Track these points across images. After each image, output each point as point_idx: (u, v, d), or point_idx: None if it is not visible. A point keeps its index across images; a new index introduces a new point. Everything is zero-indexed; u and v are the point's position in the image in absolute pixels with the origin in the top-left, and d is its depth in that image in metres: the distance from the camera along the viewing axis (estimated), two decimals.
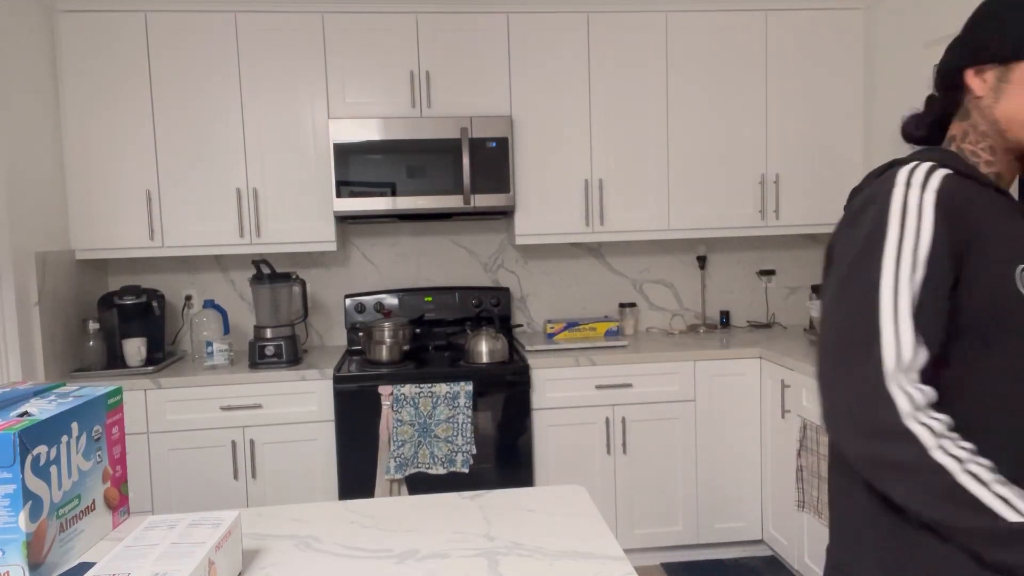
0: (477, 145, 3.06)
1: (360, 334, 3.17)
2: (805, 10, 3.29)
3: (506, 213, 3.22)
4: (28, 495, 1.14)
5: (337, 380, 2.87)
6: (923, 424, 0.95)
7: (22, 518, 1.12)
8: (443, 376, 2.90)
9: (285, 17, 3.05)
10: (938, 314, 0.99)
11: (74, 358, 3.01)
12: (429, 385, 2.85)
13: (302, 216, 3.12)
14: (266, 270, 3.10)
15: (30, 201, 2.76)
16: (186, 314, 3.39)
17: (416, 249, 3.54)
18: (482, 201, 3.09)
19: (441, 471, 2.86)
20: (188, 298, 3.39)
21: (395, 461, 2.83)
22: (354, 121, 3.03)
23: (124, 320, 3.03)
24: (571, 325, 3.33)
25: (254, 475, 2.89)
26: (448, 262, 3.56)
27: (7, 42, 2.66)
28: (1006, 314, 1.00)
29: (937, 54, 2.83)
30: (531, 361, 2.99)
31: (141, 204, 3.04)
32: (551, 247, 3.58)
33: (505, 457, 2.95)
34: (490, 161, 3.08)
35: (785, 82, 3.30)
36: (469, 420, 2.86)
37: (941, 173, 1.04)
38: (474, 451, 2.88)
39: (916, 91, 2.99)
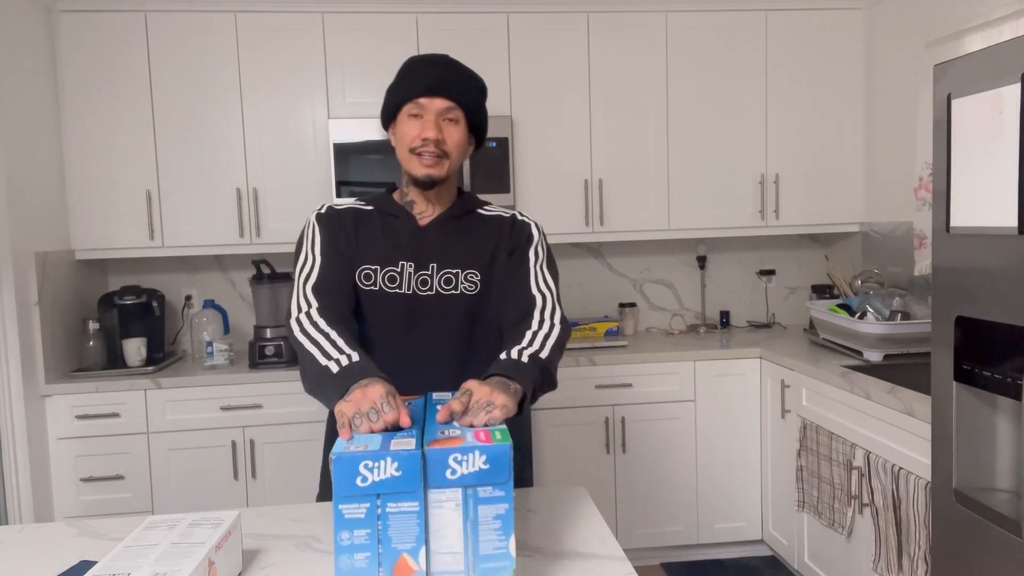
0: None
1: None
2: (805, 10, 3.28)
3: None
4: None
5: None
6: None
7: (511, 544, 1.04)
8: None
9: (285, 17, 3.05)
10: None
11: (74, 358, 3.01)
12: None
13: (302, 216, 3.11)
14: (266, 270, 3.10)
15: (30, 201, 2.75)
16: (186, 314, 3.39)
17: None
18: None
19: None
20: (188, 298, 3.39)
21: None
22: (354, 121, 3.03)
23: (124, 320, 3.03)
24: (571, 325, 3.33)
25: (254, 475, 2.89)
26: None
27: (7, 42, 2.66)
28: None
29: (937, 54, 2.83)
30: None
31: (141, 204, 3.04)
32: (551, 247, 3.57)
33: None
34: (490, 161, 3.08)
35: (785, 82, 3.30)
36: None
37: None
38: None
39: (916, 91, 2.99)
